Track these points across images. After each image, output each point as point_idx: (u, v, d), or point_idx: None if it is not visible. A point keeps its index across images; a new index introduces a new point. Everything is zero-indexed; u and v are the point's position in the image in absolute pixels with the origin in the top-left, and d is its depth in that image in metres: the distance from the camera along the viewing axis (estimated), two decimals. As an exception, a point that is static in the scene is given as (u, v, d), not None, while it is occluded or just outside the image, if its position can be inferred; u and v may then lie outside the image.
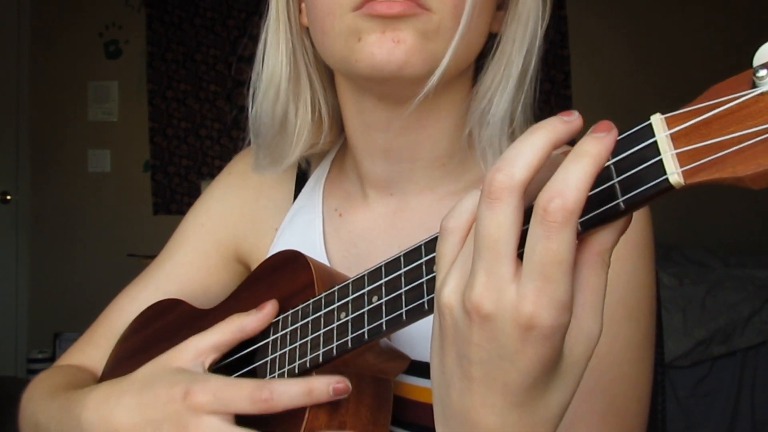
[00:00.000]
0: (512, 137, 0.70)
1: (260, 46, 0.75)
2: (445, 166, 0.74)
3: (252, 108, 0.76)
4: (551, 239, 0.37)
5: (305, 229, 0.81)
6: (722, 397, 2.66)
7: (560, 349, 0.41)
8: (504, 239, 0.39)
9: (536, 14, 0.69)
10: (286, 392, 0.57)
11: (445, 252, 0.44)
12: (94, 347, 0.87)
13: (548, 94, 4.14)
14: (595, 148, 0.37)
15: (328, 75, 0.77)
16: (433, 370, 0.47)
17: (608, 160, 0.38)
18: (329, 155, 0.86)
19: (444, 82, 0.66)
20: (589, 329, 0.41)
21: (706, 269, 2.92)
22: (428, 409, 0.66)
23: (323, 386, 0.57)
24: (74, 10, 4.34)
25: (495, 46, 0.70)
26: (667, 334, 2.57)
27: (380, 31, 0.62)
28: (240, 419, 0.70)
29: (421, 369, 0.68)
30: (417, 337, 0.68)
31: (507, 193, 0.38)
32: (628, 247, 0.68)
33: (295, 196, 0.86)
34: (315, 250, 0.78)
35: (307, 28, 0.74)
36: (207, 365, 0.64)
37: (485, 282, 0.39)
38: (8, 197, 4.33)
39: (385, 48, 0.62)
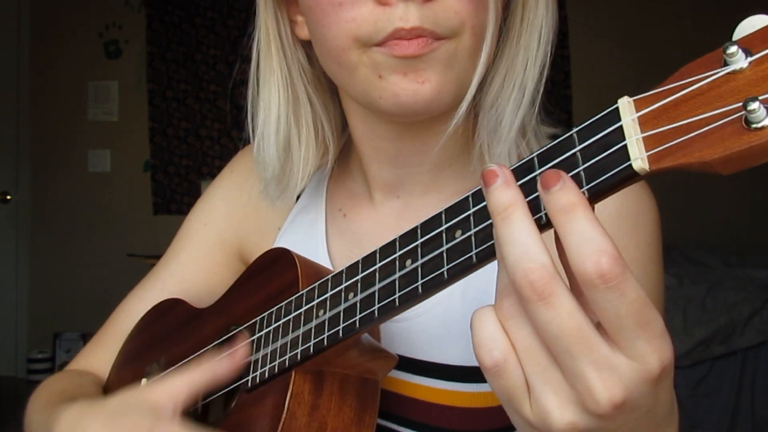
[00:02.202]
0: (527, 143, 0.69)
1: (252, 68, 0.73)
2: (452, 167, 0.73)
3: (253, 138, 0.74)
4: (628, 293, 0.35)
5: (308, 228, 0.81)
6: (722, 397, 2.64)
7: None
8: (584, 320, 0.37)
9: (548, 24, 0.66)
10: None
11: (511, 386, 0.40)
12: (103, 349, 0.88)
13: (548, 94, 4.10)
14: (574, 197, 0.36)
15: (326, 88, 0.76)
16: None
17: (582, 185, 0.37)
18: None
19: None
20: None
21: (706, 269, 2.91)
22: (429, 407, 0.66)
23: None
24: (74, 10, 4.34)
25: (498, 50, 0.67)
26: (667, 334, 2.56)
27: (402, 73, 0.60)
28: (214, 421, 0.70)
29: (420, 367, 0.68)
30: (419, 336, 0.68)
31: (554, 283, 0.37)
32: (640, 250, 0.67)
33: (299, 195, 0.85)
34: (317, 250, 0.77)
35: (302, 42, 0.72)
36: (179, 406, 0.62)
37: (600, 376, 0.37)
38: (8, 197, 4.33)
39: (410, 89, 0.60)
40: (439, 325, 0.68)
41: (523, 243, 0.37)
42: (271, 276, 0.66)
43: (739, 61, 0.31)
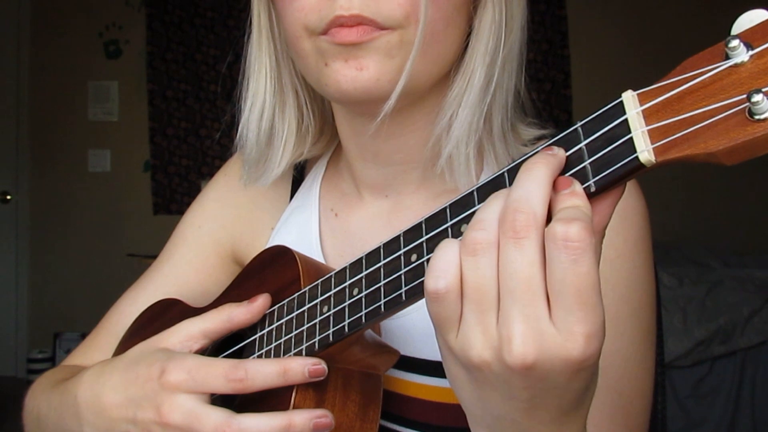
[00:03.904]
0: (493, 146, 0.70)
1: (243, 60, 0.75)
2: (437, 165, 0.73)
3: (239, 123, 0.76)
4: (580, 263, 0.37)
5: (301, 228, 0.81)
6: (722, 397, 2.65)
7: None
8: (538, 276, 0.38)
9: (499, 24, 0.68)
10: (260, 372, 0.56)
11: (444, 315, 0.42)
12: (96, 350, 0.88)
13: (548, 94, 4.13)
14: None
15: None
16: (471, 407, 0.46)
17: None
18: (325, 155, 0.86)
19: (426, 87, 0.67)
20: None
21: (706, 269, 2.91)
22: (424, 404, 0.66)
23: (298, 367, 0.56)
24: (74, 10, 4.34)
25: (461, 54, 0.69)
26: (667, 334, 2.56)
27: (343, 59, 0.62)
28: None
29: (417, 365, 0.68)
30: (413, 333, 0.68)
31: (533, 230, 0.39)
32: (628, 245, 0.68)
33: (292, 196, 0.85)
34: (311, 250, 0.78)
35: None
36: (194, 350, 0.64)
37: (524, 330, 0.39)
38: (8, 197, 4.33)
39: (349, 76, 0.62)
40: (430, 322, 0.68)
41: (530, 190, 0.39)
42: (271, 274, 0.67)
43: (741, 54, 0.32)
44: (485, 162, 0.72)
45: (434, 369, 0.68)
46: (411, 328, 0.69)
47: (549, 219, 0.40)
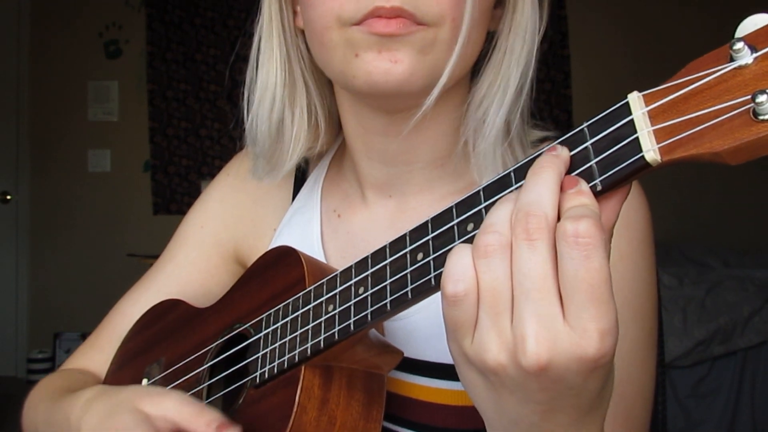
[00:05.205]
0: (510, 146, 0.70)
1: (253, 52, 0.75)
2: (443, 167, 0.74)
3: (247, 116, 0.76)
4: (592, 258, 0.37)
5: (303, 229, 0.81)
6: (722, 397, 2.65)
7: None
8: (551, 275, 0.39)
9: (534, 26, 0.68)
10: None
11: (462, 319, 0.42)
12: (98, 351, 0.88)
13: (548, 94, 4.13)
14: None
15: (324, 77, 0.77)
16: (488, 412, 0.46)
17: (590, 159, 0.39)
18: (327, 155, 0.85)
19: (448, 87, 0.66)
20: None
21: (706, 269, 2.92)
22: (427, 407, 0.66)
23: None
24: (74, 10, 4.34)
25: (489, 52, 0.69)
26: (667, 334, 2.56)
27: (377, 51, 0.62)
28: (225, 410, 0.70)
29: (419, 367, 0.68)
30: (416, 335, 0.68)
31: (546, 231, 0.39)
32: (631, 247, 0.68)
33: (294, 196, 0.85)
34: (313, 251, 0.78)
35: (303, 31, 0.73)
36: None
37: (537, 330, 0.39)
38: (8, 197, 4.33)
39: (381, 68, 0.62)
40: (433, 323, 0.68)
41: (540, 193, 0.40)
42: (276, 274, 0.67)
43: (745, 56, 0.33)
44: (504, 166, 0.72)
45: (436, 371, 0.68)
46: (414, 330, 0.69)
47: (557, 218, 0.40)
